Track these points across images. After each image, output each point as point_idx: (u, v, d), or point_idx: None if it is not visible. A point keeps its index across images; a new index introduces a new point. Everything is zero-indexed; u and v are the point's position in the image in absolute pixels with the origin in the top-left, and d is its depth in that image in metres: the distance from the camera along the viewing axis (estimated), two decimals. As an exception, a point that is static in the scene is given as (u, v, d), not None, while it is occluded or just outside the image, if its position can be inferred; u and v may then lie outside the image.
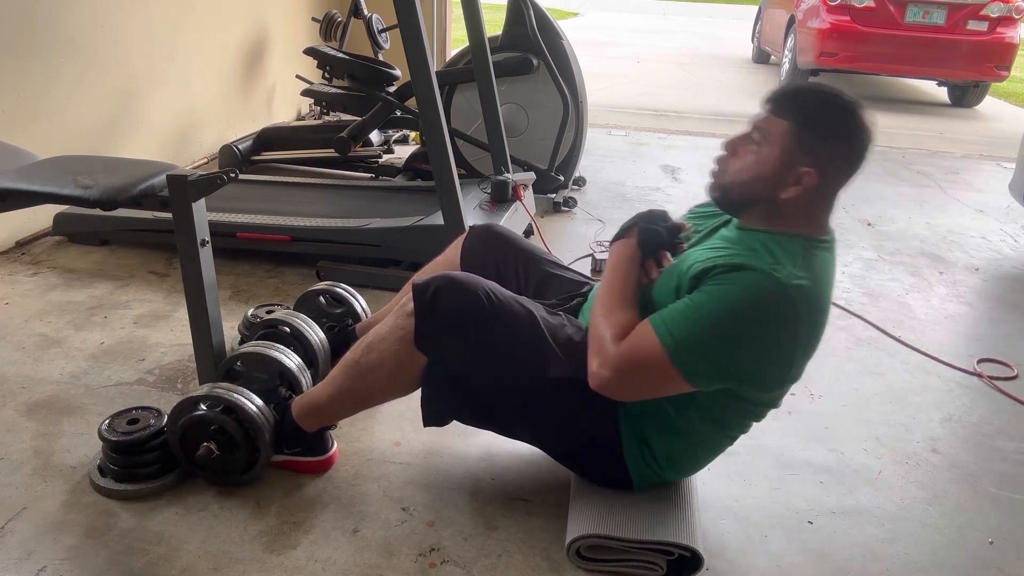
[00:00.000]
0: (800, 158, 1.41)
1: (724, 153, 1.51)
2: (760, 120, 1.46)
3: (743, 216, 1.51)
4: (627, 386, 1.44)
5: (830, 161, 1.42)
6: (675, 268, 1.51)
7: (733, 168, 1.49)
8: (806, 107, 1.43)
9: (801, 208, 1.44)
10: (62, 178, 1.77)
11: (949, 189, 4.60)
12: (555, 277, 1.91)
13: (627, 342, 1.42)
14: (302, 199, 3.18)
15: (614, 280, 1.54)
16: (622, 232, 1.60)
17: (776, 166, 1.42)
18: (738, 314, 1.36)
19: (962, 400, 2.29)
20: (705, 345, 1.37)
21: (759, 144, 1.45)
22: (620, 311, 1.47)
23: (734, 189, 1.48)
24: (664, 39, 12.58)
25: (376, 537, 1.59)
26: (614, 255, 1.58)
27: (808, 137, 1.41)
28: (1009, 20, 7.10)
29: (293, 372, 1.82)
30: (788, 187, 1.42)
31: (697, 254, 1.48)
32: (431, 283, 1.56)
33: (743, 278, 1.36)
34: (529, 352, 1.55)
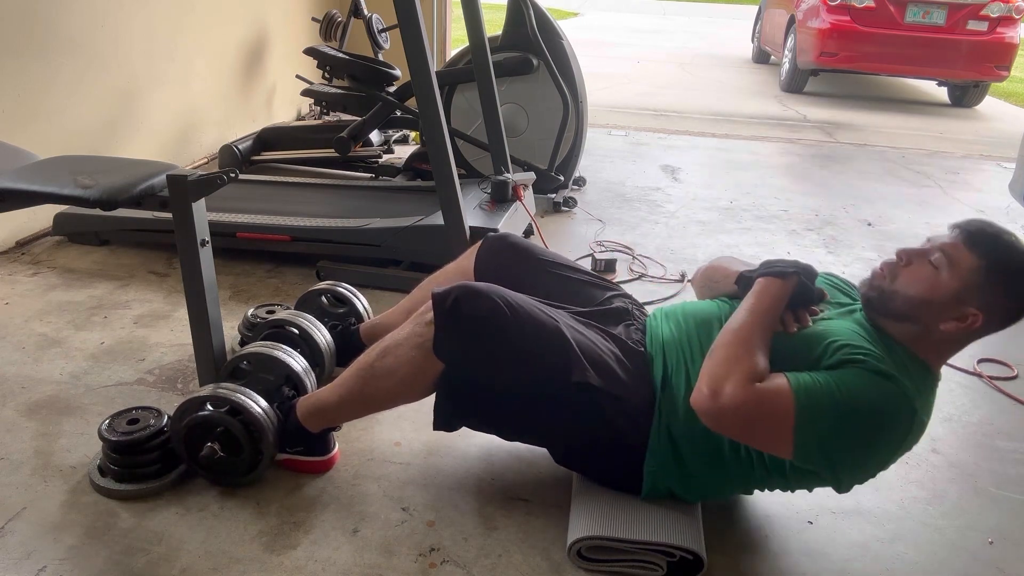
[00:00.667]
0: (975, 299, 1.41)
1: (895, 259, 1.52)
2: (948, 245, 1.45)
3: (889, 326, 1.51)
4: (736, 423, 1.41)
5: (999, 312, 1.43)
6: (813, 333, 1.50)
7: (904, 279, 1.48)
8: (1000, 252, 1.42)
9: (948, 344, 1.48)
10: (62, 178, 1.77)
11: (949, 189, 4.60)
12: (580, 284, 1.88)
13: (763, 389, 1.38)
14: (302, 199, 3.18)
15: (762, 318, 1.49)
16: (775, 270, 1.56)
17: (950, 297, 1.42)
18: (873, 417, 1.37)
19: (962, 400, 2.29)
20: (830, 431, 1.38)
21: (938, 268, 1.44)
22: (759, 353, 1.44)
23: (897, 299, 1.48)
24: (664, 39, 12.58)
25: (376, 537, 1.59)
26: (765, 291, 1.53)
27: (990, 282, 1.40)
28: (1009, 20, 7.11)
29: (299, 375, 1.82)
30: (950, 321, 1.43)
31: (841, 332, 1.48)
32: (451, 292, 1.55)
33: (891, 389, 1.37)
34: (551, 358, 1.54)
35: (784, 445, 1.39)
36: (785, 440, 1.38)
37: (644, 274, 3.03)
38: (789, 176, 4.73)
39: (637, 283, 2.95)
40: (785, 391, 1.38)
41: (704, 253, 3.29)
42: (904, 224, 3.87)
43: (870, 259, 3.36)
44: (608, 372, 1.56)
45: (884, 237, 3.66)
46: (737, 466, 1.53)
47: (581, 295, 1.85)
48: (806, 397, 1.37)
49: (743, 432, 1.44)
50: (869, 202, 4.20)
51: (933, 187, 4.62)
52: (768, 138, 5.68)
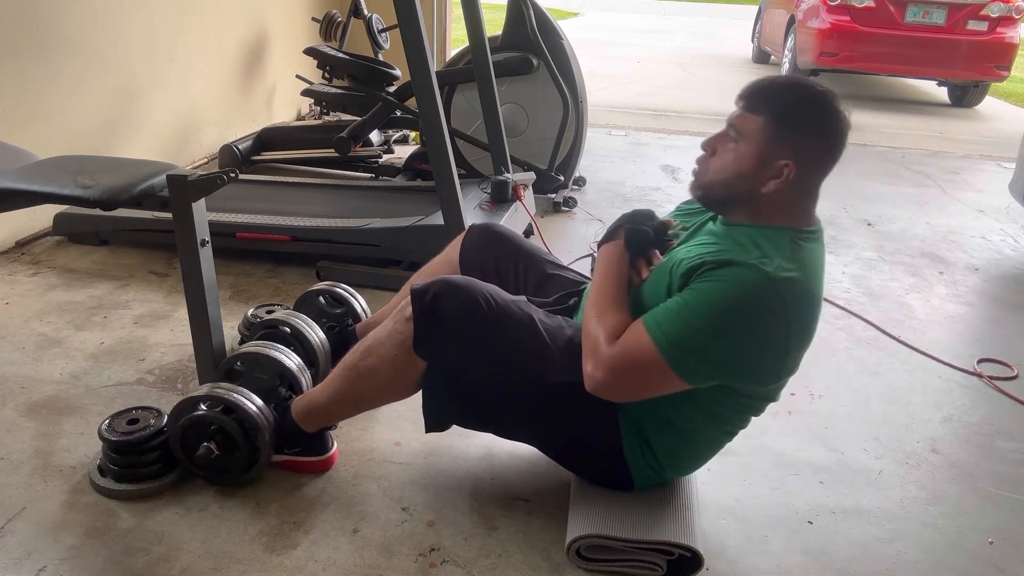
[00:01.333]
0: (778, 152, 1.41)
1: (704, 152, 1.52)
2: (735, 117, 1.47)
3: (727, 213, 1.52)
4: (623, 387, 1.44)
5: (808, 152, 1.42)
6: (664, 266, 1.51)
7: (713, 167, 1.49)
8: (779, 101, 1.43)
9: (784, 201, 1.45)
10: (62, 178, 1.77)
11: (949, 189, 4.60)
12: (554, 276, 1.91)
13: (621, 343, 1.42)
14: (302, 199, 3.18)
15: (604, 282, 1.54)
16: (609, 234, 1.60)
17: (754, 161, 1.43)
18: (729, 310, 1.36)
19: (962, 400, 2.29)
20: (698, 342, 1.37)
21: (736, 141, 1.45)
22: (612, 312, 1.47)
23: (715, 187, 1.49)
24: (664, 39, 12.58)
25: (376, 537, 1.59)
26: (603, 257, 1.58)
27: (784, 130, 1.41)
28: (1009, 20, 7.10)
29: (293, 372, 1.82)
30: (768, 181, 1.42)
31: (685, 251, 1.49)
32: (430, 288, 1.55)
33: (732, 274, 1.36)
34: (529, 356, 1.55)
35: (672, 379, 1.40)
36: (669, 375, 1.39)
37: (644, 274, 3.03)
38: (789, 176, 4.71)
39: (637, 283, 2.95)
40: (641, 333, 1.40)
41: (704, 253, 3.28)
42: (904, 224, 3.87)
43: (870, 259, 3.36)
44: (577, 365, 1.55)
45: (884, 237, 3.66)
46: (687, 423, 1.53)
47: (561, 286, 1.87)
48: (658, 328, 1.38)
49: (634, 387, 1.45)
50: (869, 202, 4.20)
51: (933, 187, 4.62)
52: (768, 138, 5.67)
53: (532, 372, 1.54)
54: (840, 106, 1.43)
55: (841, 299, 2.89)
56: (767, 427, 1.96)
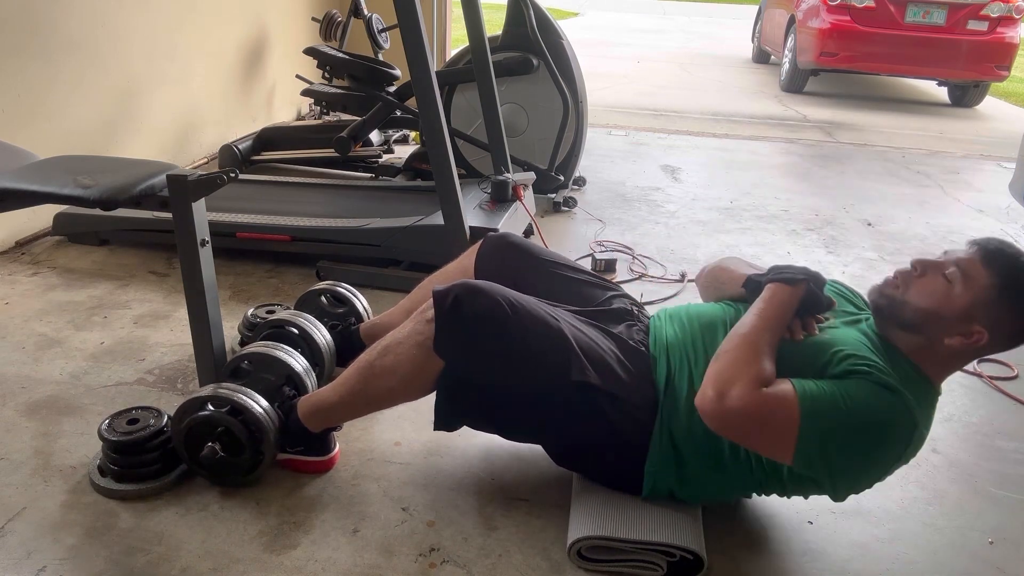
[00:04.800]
0: (983, 317, 1.41)
1: (911, 269, 1.51)
2: (965, 261, 1.45)
3: (895, 335, 1.51)
4: (739, 427, 1.41)
5: (1004, 332, 1.43)
6: (820, 341, 1.50)
7: (916, 289, 1.48)
8: (1015, 273, 1.42)
9: (951, 359, 1.48)
10: (62, 178, 1.77)
11: (949, 189, 4.60)
12: (579, 284, 1.88)
13: (768, 394, 1.38)
14: (302, 199, 3.18)
15: (770, 323, 1.49)
16: (784, 277, 1.55)
17: (960, 312, 1.42)
18: (875, 428, 1.38)
19: (962, 400, 2.29)
20: (832, 440, 1.38)
21: (952, 282, 1.44)
22: (766, 359, 1.43)
23: (907, 309, 1.48)
24: (664, 39, 12.58)
25: (376, 537, 1.59)
26: (775, 297, 1.53)
27: (1001, 300, 1.41)
28: (1009, 20, 7.11)
29: (300, 375, 1.82)
30: (956, 336, 1.43)
31: (848, 342, 1.48)
32: (452, 290, 1.55)
33: (893, 400, 1.38)
34: (551, 357, 1.54)
35: (786, 451, 1.39)
36: (787, 446, 1.38)
37: (644, 274, 3.03)
38: (789, 176, 4.73)
39: (637, 283, 2.95)
40: (791, 397, 1.38)
41: (704, 253, 3.29)
42: (904, 224, 3.87)
43: (870, 259, 3.36)
44: (608, 371, 1.56)
45: (884, 237, 3.66)
46: (736, 469, 1.53)
47: (582, 295, 1.85)
48: (811, 404, 1.37)
49: (746, 436, 1.44)
50: (869, 202, 4.20)
51: (933, 187, 4.62)
52: (768, 138, 5.68)
53: (554, 372, 1.53)
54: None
55: (841, 299, 2.89)
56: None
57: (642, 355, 1.64)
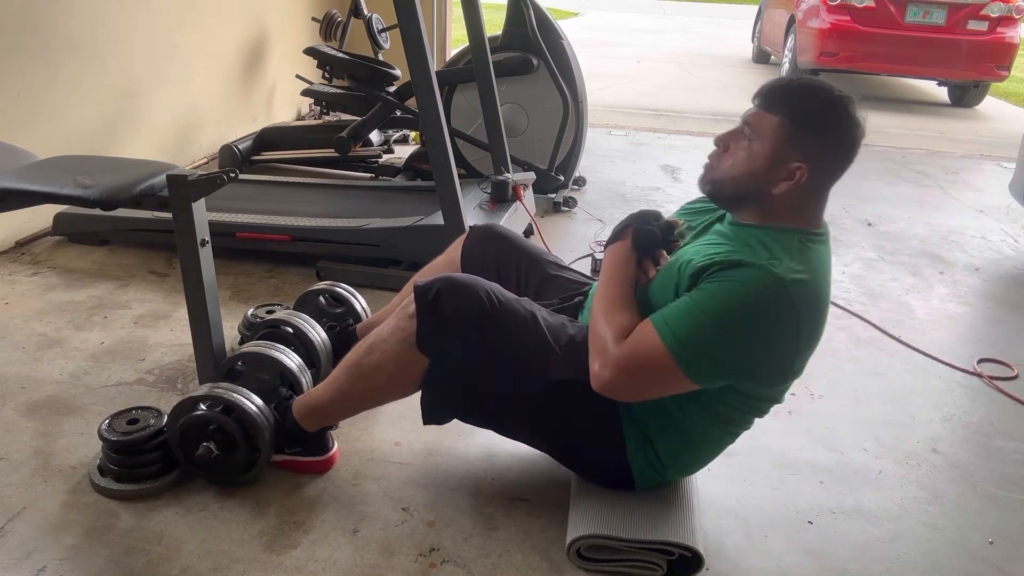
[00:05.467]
0: (791, 153, 1.41)
1: (716, 149, 1.52)
2: (750, 115, 1.47)
3: (736, 212, 1.52)
4: (631, 386, 1.44)
5: (821, 155, 1.43)
6: (672, 266, 1.51)
7: (725, 164, 1.49)
8: (796, 102, 1.43)
9: (794, 203, 1.45)
10: (62, 178, 1.77)
11: (949, 189, 4.60)
12: (556, 277, 1.91)
13: (629, 342, 1.42)
14: (302, 199, 3.18)
15: (611, 281, 1.54)
16: (615, 234, 1.61)
17: (767, 161, 1.43)
18: (739, 310, 1.36)
19: (962, 400, 2.29)
20: (707, 342, 1.38)
21: (750, 140, 1.45)
22: (620, 312, 1.47)
23: (726, 184, 1.49)
24: (664, 39, 12.58)
25: (376, 537, 1.59)
26: (609, 257, 1.59)
27: (798, 132, 1.41)
28: (1009, 20, 7.10)
29: (294, 372, 1.82)
30: (780, 182, 1.43)
31: (693, 251, 1.49)
32: (433, 284, 1.56)
33: (741, 275, 1.37)
34: (531, 353, 1.55)
35: (680, 378, 1.40)
36: (677, 375, 1.39)
37: (644, 274, 3.03)
38: (789, 176, 4.71)
39: (637, 283, 2.95)
40: (650, 332, 1.40)
41: (704, 253, 3.28)
42: (904, 224, 3.87)
43: (870, 259, 3.36)
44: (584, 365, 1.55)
45: (884, 237, 3.66)
46: (687, 420, 1.53)
47: (561, 285, 1.88)
48: (667, 327, 1.38)
49: (641, 387, 1.45)
50: (869, 202, 4.20)
51: (933, 187, 4.62)
52: (768, 138, 5.67)
53: (534, 369, 1.55)
54: (857, 112, 1.42)
55: (841, 299, 2.89)
56: (767, 427, 1.96)
57: None
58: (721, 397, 1.49)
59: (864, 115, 1.43)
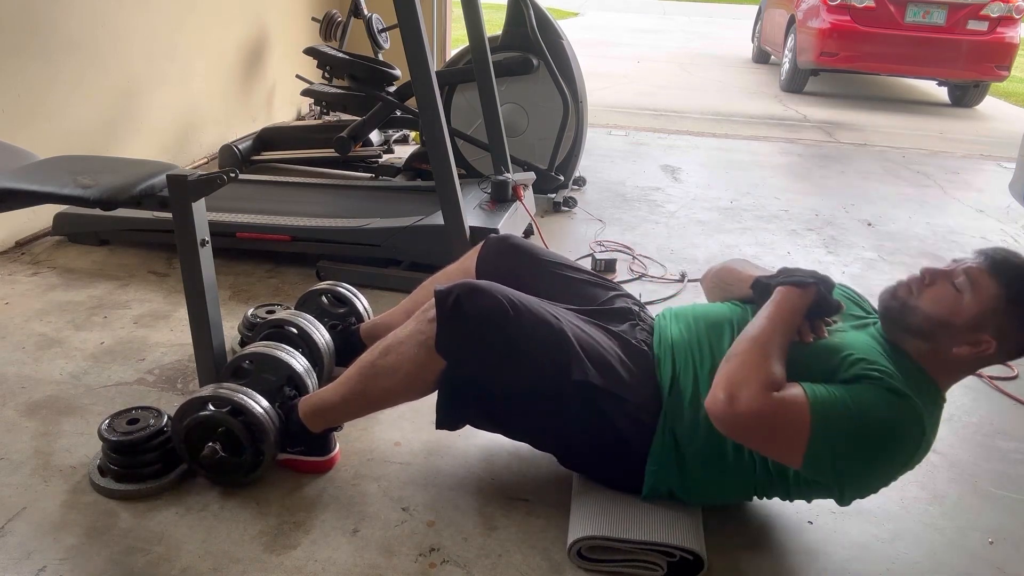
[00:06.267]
0: (991, 326, 1.42)
1: (920, 277, 1.51)
2: (974, 271, 1.45)
3: (900, 338, 1.52)
4: (751, 429, 1.41)
5: (1011, 341, 1.44)
6: (830, 346, 1.50)
7: (927, 297, 1.48)
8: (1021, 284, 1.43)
9: (958, 367, 1.49)
10: (62, 178, 1.77)
11: (949, 189, 4.60)
12: (580, 284, 1.88)
13: (780, 398, 1.38)
14: (302, 199, 3.18)
15: (780, 327, 1.49)
16: (797, 281, 1.55)
17: (968, 321, 1.43)
18: (884, 440, 1.38)
19: (962, 400, 2.29)
20: (842, 445, 1.38)
21: (961, 291, 1.44)
22: (776, 362, 1.43)
23: (917, 316, 1.48)
24: (664, 39, 12.58)
25: (376, 537, 1.59)
26: (785, 300, 1.53)
27: (1009, 311, 1.41)
28: (1009, 20, 7.11)
29: (301, 375, 1.82)
30: (964, 345, 1.44)
31: (857, 346, 1.48)
32: (453, 289, 1.55)
33: (904, 408, 1.38)
34: (552, 356, 1.54)
35: (795, 455, 1.39)
36: (797, 450, 1.38)
37: (644, 274, 3.03)
38: (789, 176, 4.73)
39: (637, 283, 2.95)
40: (801, 401, 1.38)
41: (704, 253, 3.29)
42: (904, 224, 3.87)
43: (870, 259, 3.36)
44: (610, 371, 1.56)
45: (884, 237, 3.66)
46: (739, 470, 1.53)
47: (584, 294, 1.85)
48: (822, 409, 1.37)
49: (756, 439, 1.43)
50: (869, 202, 4.20)
51: (933, 187, 4.62)
52: (768, 138, 5.68)
53: (555, 371, 1.53)
54: None
55: (841, 299, 2.89)
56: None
57: (645, 355, 1.64)
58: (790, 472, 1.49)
59: None
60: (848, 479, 1.43)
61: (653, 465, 1.57)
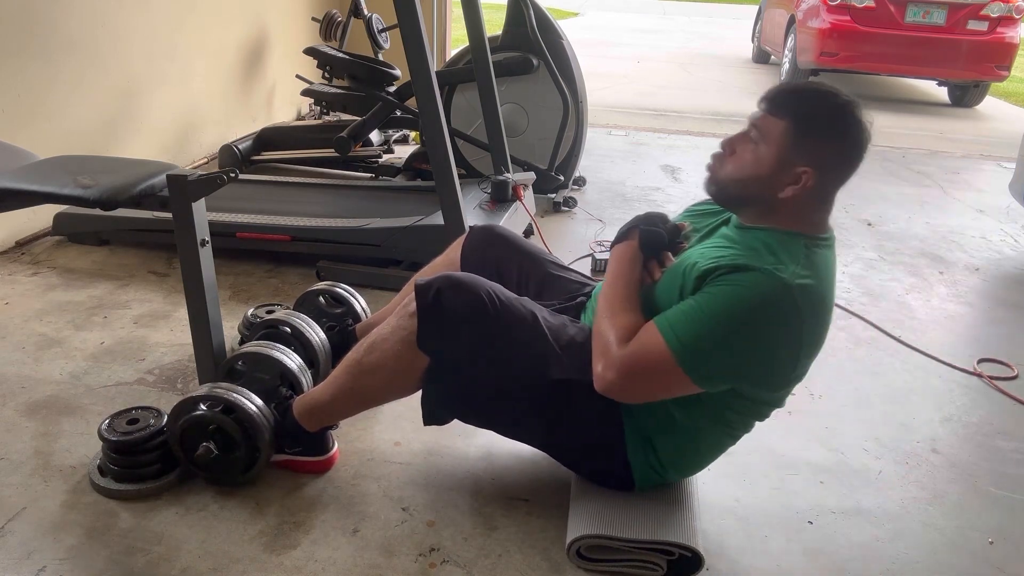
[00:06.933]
0: (798, 158, 1.41)
1: (721, 151, 1.52)
2: (758, 119, 1.46)
3: (742, 214, 1.52)
4: (633, 388, 1.44)
5: (828, 160, 1.42)
6: (677, 268, 1.51)
7: (731, 166, 1.49)
8: (803, 107, 1.43)
9: (800, 207, 1.45)
10: (62, 178, 1.77)
11: (949, 189, 4.60)
12: (556, 278, 1.91)
13: (633, 344, 1.41)
14: (302, 199, 3.18)
15: (617, 282, 1.54)
16: (622, 235, 1.61)
17: (774, 165, 1.43)
18: (743, 315, 1.36)
19: (962, 400, 2.29)
20: (711, 346, 1.38)
21: (756, 143, 1.45)
22: (624, 313, 1.47)
23: (731, 186, 1.49)
24: (664, 39, 12.58)
25: (376, 537, 1.59)
26: (615, 258, 1.58)
27: (805, 137, 1.41)
28: (1009, 20, 7.10)
29: (294, 372, 1.82)
30: (786, 186, 1.43)
31: (699, 254, 1.49)
32: (433, 283, 1.56)
33: (747, 279, 1.36)
34: (531, 353, 1.55)
35: (684, 382, 1.40)
36: (681, 378, 1.39)
37: (644, 274, 3.03)
38: (789, 176, 4.72)
39: (637, 283, 2.95)
40: (654, 335, 1.40)
41: (704, 253, 3.28)
42: (904, 224, 3.87)
43: (870, 259, 3.36)
44: (584, 365, 1.55)
45: (884, 237, 3.66)
46: (688, 422, 1.53)
47: (563, 287, 1.88)
48: (672, 331, 1.38)
49: (645, 389, 1.45)
50: (869, 202, 4.20)
51: (933, 187, 4.62)
52: (768, 138, 5.67)
53: (534, 369, 1.55)
54: (864, 117, 1.42)
55: (841, 299, 2.89)
56: (767, 427, 1.95)
57: None
58: (723, 400, 1.49)
59: (871, 120, 1.43)
60: (749, 371, 1.41)
61: (631, 454, 1.57)
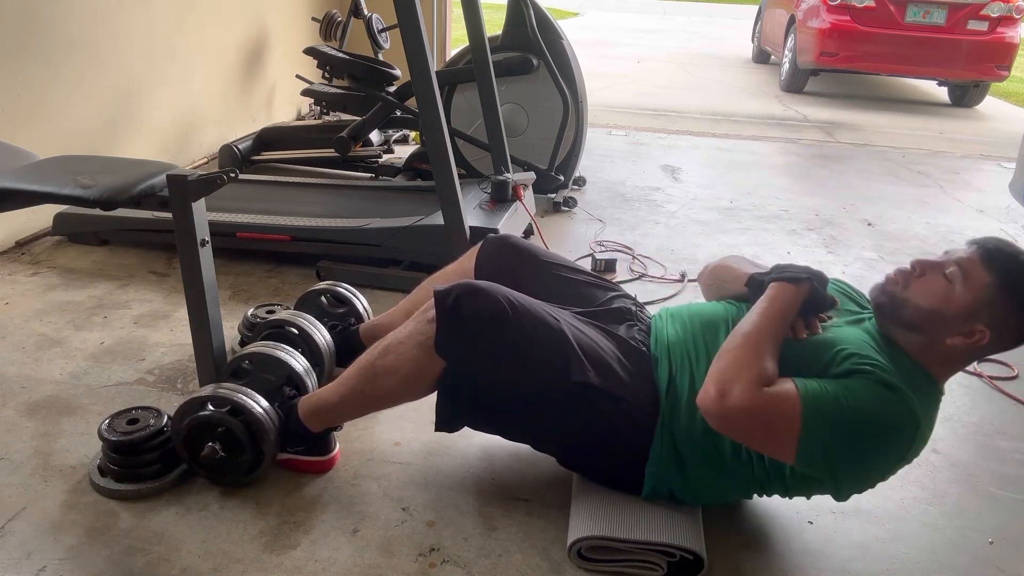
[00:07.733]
0: (985, 316, 1.41)
1: (910, 269, 1.51)
2: (964, 260, 1.45)
3: (897, 334, 1.51)
4: (742, 427, 1.41)
5: (1006, 331, 1.43)
6: (824, 341, 1.50)
7: (917, 289, 1.47)
8: (1014, 273, 1.42)
9: (954, 359, 1.48)
10: (62, 178, 1.77)
11: (949, 189, 4.60)
12: (576, 283, 1.88)
13: (771, 393, 1.38)
14: (302, 199, 3.18)
15: (774, 322, 1.48)
16: (790, 276, 1.54)
17: (962, 312, 1.42)
18: (878, 434, 1.38)
19: (962, 400, 2.29)
20: (835, 439, 1.38)
21: (953, 282, 1.44)
22: (768, 358, 1.43)
23: (908, 308, 1.47)
24: (664, 39, 12.58)
25: (376, 537, 1.59)
26: (777, 297, 1.52)
27: (1003, 301, 1.40)
28: (1009, 20, 7.11)
29: (301, 375, 1.82)
30: (957, 335, 1.43)
31: (850, 340, 1.48)
32: (452, 290, 1.55)
33: (896, 402, 1.38)
34: (553, 358, 1.54)
35: (788, 450, 1.39)
36: (789, 445, 1.38)
37: (644, 274, 3.03)
38: (789, 176, 4.73)
39: (637, 283, 2.95)
40: (792, 396, 1.37)
41: (704, 253, 3.29)
42: (904, 224, 3.87)
43: (870, 259, 3.36)
44: (609, 372, 1.56)
45: (884, 237, 3.66)
46: (738, 469, 1.53)
47: (583, 295, 1.85)
48: (813, 403, 1.37)
49: (748, 435, 1.44)
50: (869, 202, 4.20)
51: (933, 187, 4.62)
52: (768, 138, 5.68)
53: (556, 373, 1.53)
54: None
55: (841, 299, 2.89)
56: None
57: (643, 355, 1.64)
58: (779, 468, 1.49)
59: None
60: (842, 473, 1.43)
61: (652, 466, 1.57)
